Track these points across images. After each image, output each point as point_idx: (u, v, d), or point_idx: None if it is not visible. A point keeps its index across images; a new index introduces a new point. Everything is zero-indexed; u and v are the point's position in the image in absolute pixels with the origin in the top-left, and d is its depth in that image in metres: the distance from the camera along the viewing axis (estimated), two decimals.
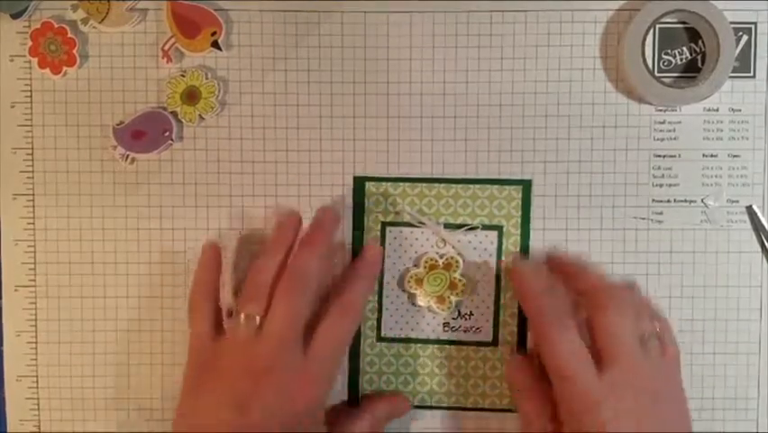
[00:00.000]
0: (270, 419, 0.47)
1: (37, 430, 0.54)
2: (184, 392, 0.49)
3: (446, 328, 0.54)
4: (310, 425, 0.49)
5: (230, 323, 0.50)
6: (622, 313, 0.47)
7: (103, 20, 0.52)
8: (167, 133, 0.52)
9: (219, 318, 0.51)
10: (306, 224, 0.52)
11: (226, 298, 0.53)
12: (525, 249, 0.53)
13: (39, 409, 0.54)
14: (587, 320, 0.48)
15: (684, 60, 0.52)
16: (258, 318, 0.48)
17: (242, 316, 0.48)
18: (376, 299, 0.54)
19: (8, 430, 0.54)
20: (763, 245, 0.53)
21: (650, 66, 0.52)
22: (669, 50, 0.52)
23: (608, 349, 0.47)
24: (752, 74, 0.52)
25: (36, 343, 0.54)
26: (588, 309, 0.48)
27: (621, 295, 0.49)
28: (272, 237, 0.52)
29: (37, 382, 0.54)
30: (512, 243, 0.53)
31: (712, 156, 0.53)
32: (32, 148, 0.53)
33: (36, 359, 0.54)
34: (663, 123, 0.53)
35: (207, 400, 0.47)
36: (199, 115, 0.52)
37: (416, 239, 0.53)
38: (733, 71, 0.52)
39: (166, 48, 0.52)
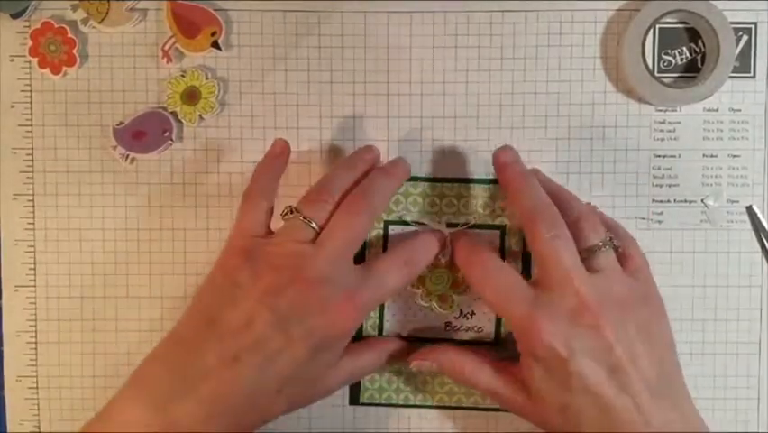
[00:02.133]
0: (305, 339, 0.42)
1: (37, 430, 0.54)
2: (210, 276, 0.45)
3: (448, 328, 0.53)
4: (332, 357, 0.45)
5: (285, 223, 0.44)
6: (554, 233, 0.44)
7: (103, 20, 0.52)
8: (167, 133, 0.52)
9: (269, 222, 0.46)
10: None
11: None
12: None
13: (39, 409, 0.53)
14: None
15: (684, 60, 0.53)
16: (316, 226, 0.44)
17: (301, 217, 0.44)
18: None
19: (8, 431, 0.53)
20: (763, 245, 0.53)
21: (650, 66, 0.52)
22: (669, 50, 0.52)
23: (542, 274, 0.45)
24: (752, 74, 0.52)
25: (36, 343, 0.54)
26: (525, 236, 0.47)
27: (551, 215, 0.45)
28: (352, 154, 0.49)
29: (37, 382, 0.54)
30: (515, 242, 0.53)
31: (712, 156, 0.53)
32: (32, 148, 0.53)
33: (36, 359, 0.54)
34: (663, 123, 0.53)
35: (240, 294, 0.42)
36: (199, 115, 0.52)
37: None
38: (733, 71, 0.52)
39: (166, 48, 0.52)
